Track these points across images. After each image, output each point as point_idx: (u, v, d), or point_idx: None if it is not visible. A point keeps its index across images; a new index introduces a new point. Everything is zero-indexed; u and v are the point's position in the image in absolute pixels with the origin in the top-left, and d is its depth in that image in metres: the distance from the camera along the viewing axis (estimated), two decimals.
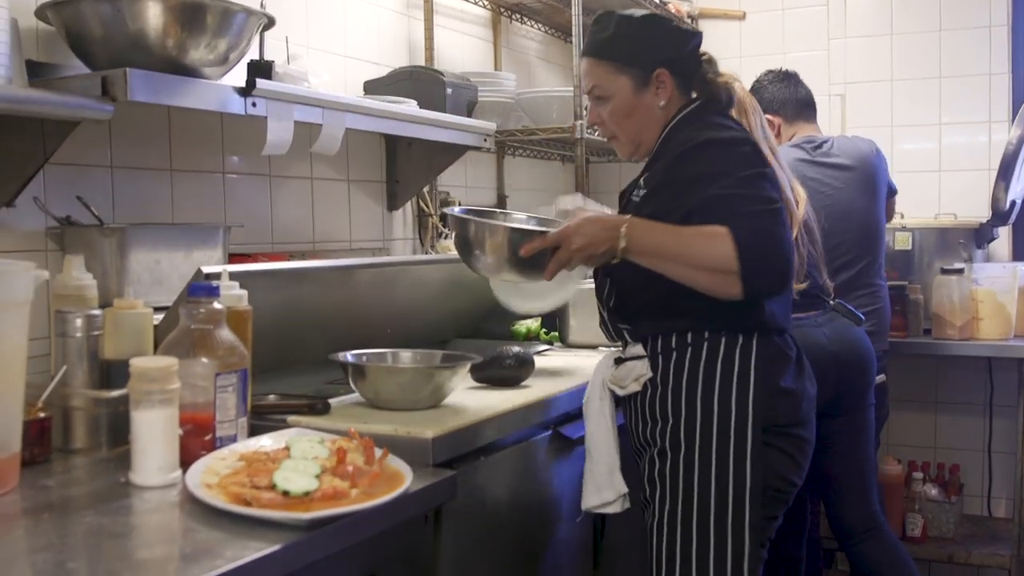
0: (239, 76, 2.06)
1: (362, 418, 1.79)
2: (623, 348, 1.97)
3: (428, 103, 2.77)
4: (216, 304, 1.61)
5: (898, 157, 4.01)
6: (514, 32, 3.91)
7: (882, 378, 3.06)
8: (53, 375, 1.69)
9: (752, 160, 1.80)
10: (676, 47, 1.95)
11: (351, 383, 1.90)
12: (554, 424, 2.09)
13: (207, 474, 1.43)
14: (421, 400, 1.86)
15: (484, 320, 2.79)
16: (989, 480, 3.95)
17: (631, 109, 1.95)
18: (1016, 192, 3.56)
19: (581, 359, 2.48)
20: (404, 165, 3.06)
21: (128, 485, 1.49)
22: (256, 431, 1.67)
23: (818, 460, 2.16)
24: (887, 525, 2.99)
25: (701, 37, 1.99)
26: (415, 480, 1.50)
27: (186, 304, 1.61)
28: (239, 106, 2.03)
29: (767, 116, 3.10)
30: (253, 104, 2.05)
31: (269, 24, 2.07)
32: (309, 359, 2.16)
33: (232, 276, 1.79)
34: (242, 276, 1.82)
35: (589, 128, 3.09)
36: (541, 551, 2.05)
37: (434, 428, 1.70)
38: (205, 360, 1.57)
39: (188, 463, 1.48)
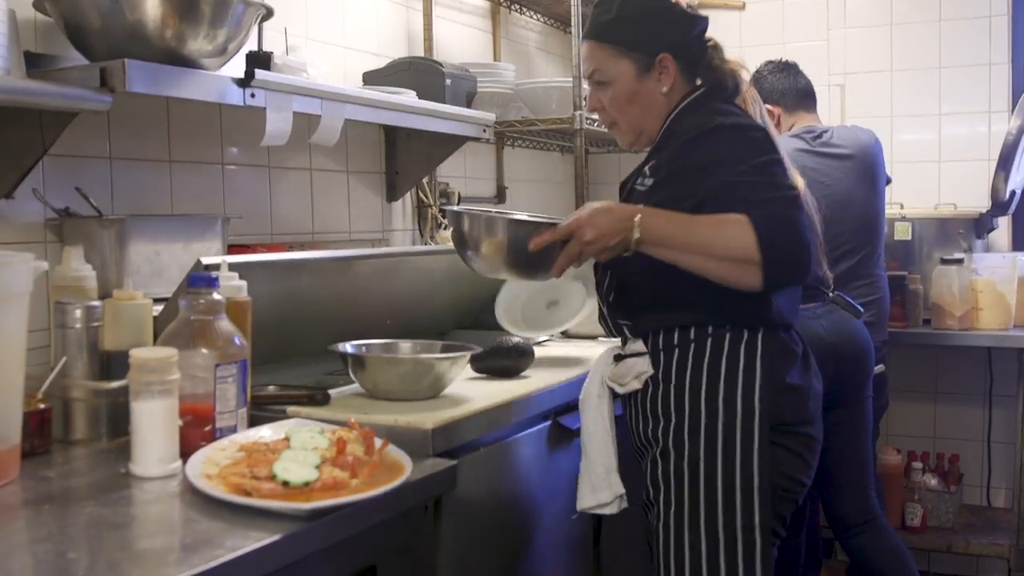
0: (238, 67, 2.06)
1: (362, 409, 1.79)
2: (622, 344, 1.92)
3: (427, 94, 2.77)
4: (215, 295, 1.61)
5: (898, 147, 4.01)
6: (513, 23, 3.90)
7: (881, 368, 3.06)
8: (53, 366, 1.69)
9: (765, 146, 1.75)
10: (681, 31, 1.88)
11: (351, 374, 1.90)
12: (554, 414, 2.09)
13: (207, 464, 1.43)
14: (421, 391, 1.86)
15: (483, 311, 2.79)
16: (988, 470, 3.95)
17: (633, 95, 1.88)
18: (1016, 182, 3.56)
19: (581, 349, 2.49)
20: (403, 156, 3.06)
21: (128, 476, 1.49)
22: (256, 422, 1.67)
23: None
24: (884, 518, 2.99)
25: (707, 22, 1.92)
26: (415, 470, 1.50)
27: (185, 295, 1.61)
28: (238, 97, 2.02)
29: (767, 106, 3.10)
30: (252, 95, 2.05)
31: (268, 15, 2.06)
32: (309, 350, 2.16)
33: (231, 267, 1.79)
34: (241, 267, 1.82)
35: (589, 114, 3.08)
36: (541, 541, 2.05)
37: (434, 419, 1.70)
38: (205, 351, 1.57)
39: (188, 454, 1.48)
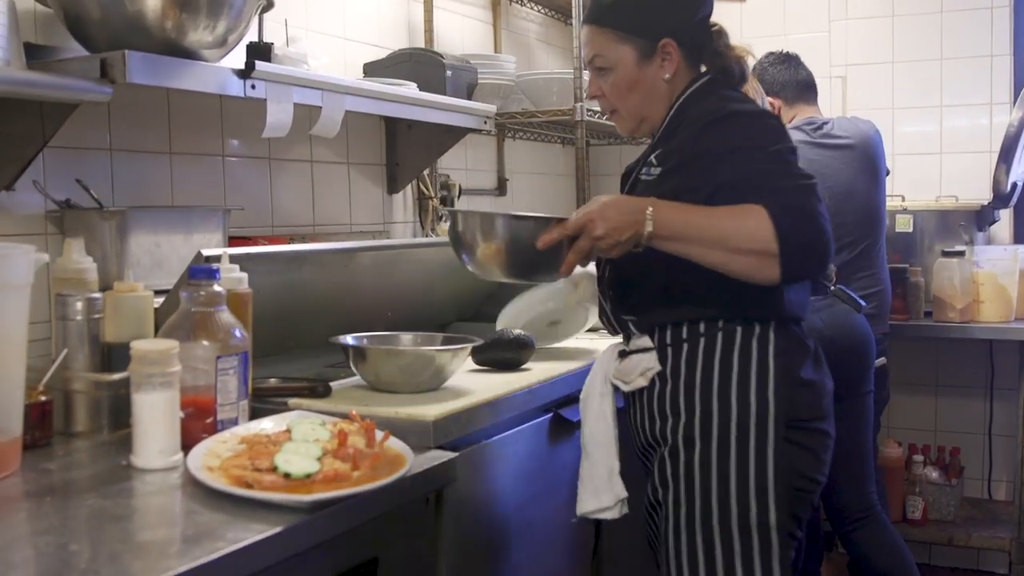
0: (238, 58, 2.05)
1: (363, 401, 1.79)
2: (626, 340, 1.85)
3: (428, 85, 2.76)
4: (216, 287, 1.61)
5: (899, 139, 4.00)
6: (514, 14, 3.89)
7: (883, 361, 3.06)
8: (54, 358, 1.69)
9: (780, 134, 1.69)
10: (684, 16, 1.81)
11: (352, 366, 1.90)
12: (555, 406, 2.09)
13: (208, 457, 1.43)
14: (422, 383, 1.86)
15: (484, 303, 2.79)
16: (989, 463, 3.95)
17: (634, 82, 1.81)
18: (1017, 174, 3.55)
19: (581, 341, 2.49)
20: (404, 148, 3.05)
21: (129, 468, 1.49)
22: (257, 414, 1.67)
23: None
24: (884, 513, 3.00)
25: (711, 5, 1.85)
26: (416, 462, 1.50)
27: (186, 287, 1.61)
28: (238, 88, 2.02)
29: (768, 99, 3.10)
30: (252, 86, 2.04)
31: (268, 6, 2.06)
32: (310, 342, 2.16)
33: (232, 259, 1.79)
34: (242, 259, 1.82)
35: (590, 106, 3.08)
36: (543, 533, 2.05)
37: (435, 411, 1.70)
38: (206, 343, 1.57)
39: (189, 446, 1.48)
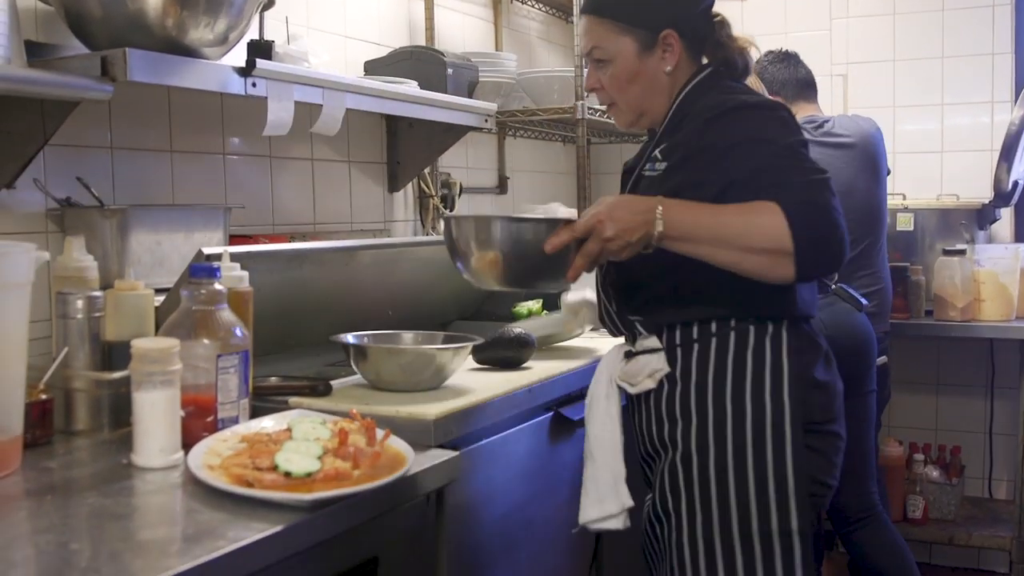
0: (239, 56, 2.05)
1: (364, 399, 1.79)
2: (631, 341, 1.79)
3: (429, 83, 2.76)
4: (217, 285, 1.61)
5: (900, 137, 4.00)
6: (515, 12, 3.89)
7: (884, 360, 3.06)
8: (54, 357, 1.69)
9: (792, 127, 1.63)
10: (686, 6, 1.75)
11: (352, 364, 1.90)
12: (555, 405, 2.09)
13: (209, 455, 1.43)
14: (423, 381, 1.86)
15: (485, 301, 2.79)
16: (990, 462, 3.95)
17: (634, 74, 1.75)
18: (1018, 173, 3.55)
19: (582, 340, 2.48)
20: (405, 146, 3.05)
21: (130, 466, 1.49)
22: (258, 412, 1.67)
23: None
24: (885, 513, 2.99)
25: None
26: (417, 461, 1.50)
27: (187, 285, 1.60)
28: (239, 86, 2.02)
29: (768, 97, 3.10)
30: (253, 84, 2.04)
31: (269, 4, 2.06)
32: (310, 340, 2.16)
33: (233, 257, 1.78)
34: (243, 257, 1.81)
35: (591, 104, 3.07)
36: (543, 531, 2.05)
37: (436, 409, 1.70)
38: (206, 341, 1.56)
39: (190, 444, 1.48)
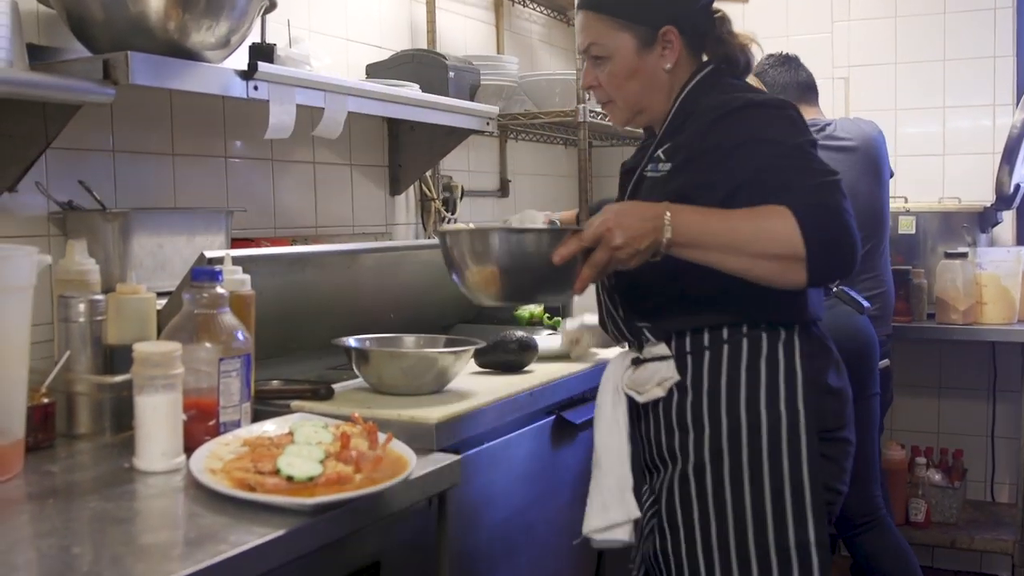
0: (241, 59, 2.05)
1: (366, 403, 1.79)
2: (638, 348, 1.74)
3: (430, 87, 2.76)
4: (219, 289, 1.61)
5: (902, 140, 4.00)
6: (516, 15, 3.89)
7: (886, 363, 3.05)
8: (56, 360, 1.69)
9: (800, 126, 1.58)
10: (687, 1, 1.71)
11: (354, 368, 1.89)
12: (557, 409, 2.09)
13: (211, 459, 1.43)
14: (425, 385, 1.86)
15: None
16: (992, 465, 3.95)
17: (633, 71, 1.71)
18: (1020, 176, 3.55)
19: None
20: (406, 149, 3.05)
21: (132, 470, 1.49)
22: (260, 416, 1.67)
23: None
24: (889, 516, 2.99)
25: None
26: (419, 465, 1.50)
27: (189, 289, 1.60)
28: (241, 90, 2.02)
29: None
30: (255, 87, 2.04)
31: (271, 7, 2.06)
32: (312, 344, 2.16)
33: (235, 261, 1.78)
34: (245, 261, 1.81)
35: (593, 107, 3.07)
36: (545, 535, 2.05)
37: (438, 413, 1.69)
38: (208, 345, 1.56)
39: (192, 448, 1.47)
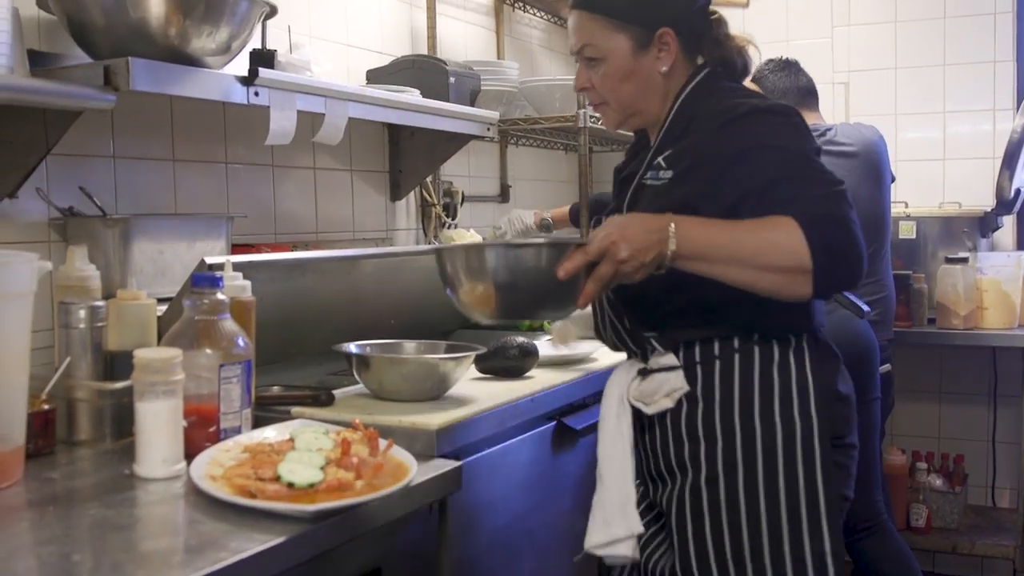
0: (241, 65, 2.05)
1: (366, 409, 1.78)
2: (643, 358, 1.71)
3: (431, 92, 2.76)
4: (220, 295, 1.60)
5: (902, 145, 4.00)
6: (516, 20, 3.90)
7: (887, 368, 3.05)
8: (57, 367, 1.69)
9: (805, 134, 1.56)
10: (684, 3, 1.68)
11: (355, 374, 1.89)
12: (558, 415, 2.09)
13: (211, 466, 1.43)
14: (425, 391, 1.85)
15: None
16: (993, 470, 3.94)
17: (628, 73, 1.67)
18: (1021, 181, 3.55)
19: (583, 348, 2.47)
20: (407, 155, 3.05)
21: (132, 477, 1.48)
22: (260, 422, 1.67)
23: None
24: (890, 522, 2.98)
25: None
26: (420, 471, 1.49)
27: (190, 295, 1.60)
28: (241, 95, 2.02)
29: None
30: (256, 93, 2.04)
31: (271, 13, 2.06)
32: (312, 350, 2.16)
33: (235, 267, 1.78)
34: (245, 266, 1.81)
35: (593, 112, 3.07)
36: (545, 541, 2.05)
37: (439, 419, 1.69)
38: (209, 351, 1.56)
39: (192, 455, 1.47)
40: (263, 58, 2.14)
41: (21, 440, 1.48)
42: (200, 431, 1.55)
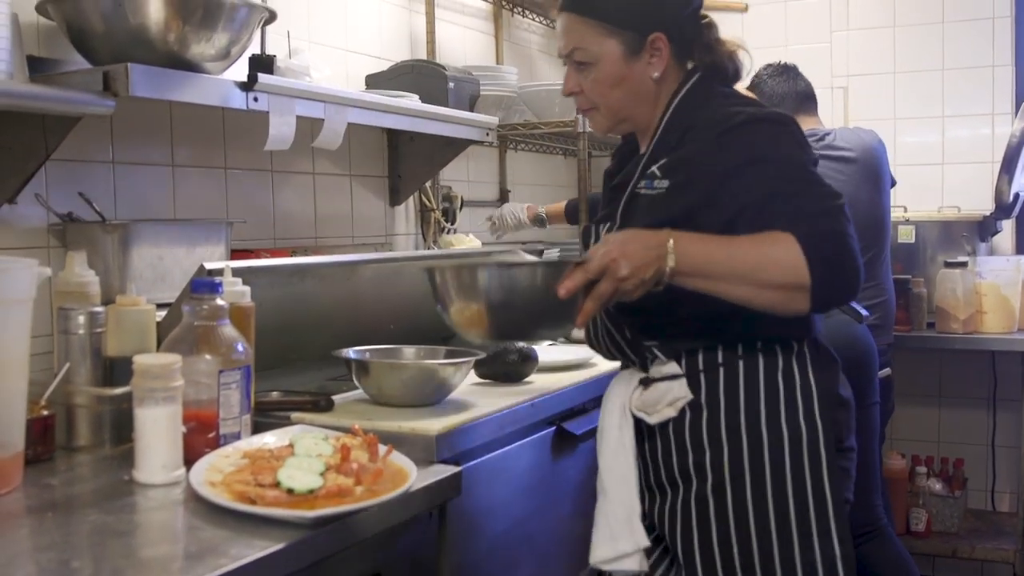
0: (241, 71, 2.05)
1: (366, 415, 1.78)
2: (642, 367, 1.69)
3: (430, 97, 2.76)
4: (219, 300, 1.60)
5: (901, 150, 4.00)
6: (515, 25, 3.90)
7: (887, 372, 3.05)
8: (56, 372, 1.68)
9: (804, 144, 1.54)
10: (677, 7, 1.65)
11: (354, 379, 1.89)
12: (558, 419, 2.08)
13: (211, 472, 1.43)
14: (425, 396, 1.85)
15: None
16: (993, 474, 3.94)
17: (619, 79, 1.64)
18: (1020, 185, 3.55)
19: (584, 353, 2.47)
20: (406, 160, 3.05)
21: (132, 483, 1.48)
22: (259, 428, 1.66)
23: None
24: (890, 526, 2.98)
25: None
26: (419, 477, 1.49)
27: (189, 300, 1.60)
28: (241, 101, 2.02)
29: None
30: (255, 99, 2.04)
31: (270, 18, 2.06)
32: (312, 355, 2.15)
33: (235, 272, 1.78)
34: (245, 272, 1.81)
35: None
36: (545, 546, 2.05)
37: (438, 424, 1.69)
38: (208, 357, 1.56)
39: (192, 461, 1.47)
40: (262, 63, 2.14)
41: (20, 446, 1.48)
42: (199, 437, 1.55)
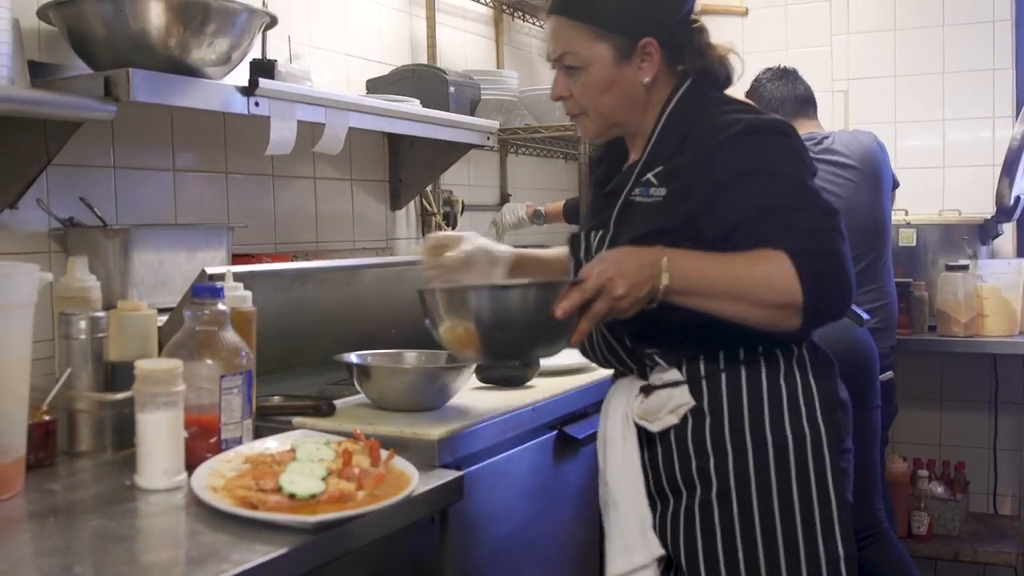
0: (241, 76, 2.06)
1: (367, 419, 1.78)
2: (642, 374, 1.67)
3: (431, 101, 2.76)
4: (220, 305, 1.60)
5: (901, 153, 4.00)
6: (516, 29, 3.90)
7: (889, 375, 3.05)
8: (57, 377, 1.69)
9: (801, 155, 1.54)
10: (668, 11, 1.62)
11: (356, 384, 1.89)
12: (560, 424, 2.08)
13: (213, 477, 1.43)
14: (426, 401, 1.85)
15: None
16: (995, 477, 3.94)
17: (609, 84, 1.62)
18: (1020, 188, 3.55)
19: (585, 358, 2.47)
20: (407, 164, 3.05)
21: (133, 488, 1.48)
22: (261, 433, 1.67)
23: None
24: (891, 530, 2.98)
25: (694, 0, 1.68)
26: (421, 481, 1.49)
27: (190, 305, 1.60)
28: (242, 106, 2.02)
29: None
30: (256, 104, 2.04)
31: (271, 23, 2.06)
32: (313, 360, 2.15)
33: (236, 277, 1.78)
34: (246, 277, 1.81)
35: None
36: (548, 551, 2.04)
37: (440, 429, 1.69)
38: (210, 362, 1.56)
39: (193, 466, 1.47)
40: (263, 68, 2.14)
41: (22, 451, 1.48)
42: (201, 442, 1.55)
